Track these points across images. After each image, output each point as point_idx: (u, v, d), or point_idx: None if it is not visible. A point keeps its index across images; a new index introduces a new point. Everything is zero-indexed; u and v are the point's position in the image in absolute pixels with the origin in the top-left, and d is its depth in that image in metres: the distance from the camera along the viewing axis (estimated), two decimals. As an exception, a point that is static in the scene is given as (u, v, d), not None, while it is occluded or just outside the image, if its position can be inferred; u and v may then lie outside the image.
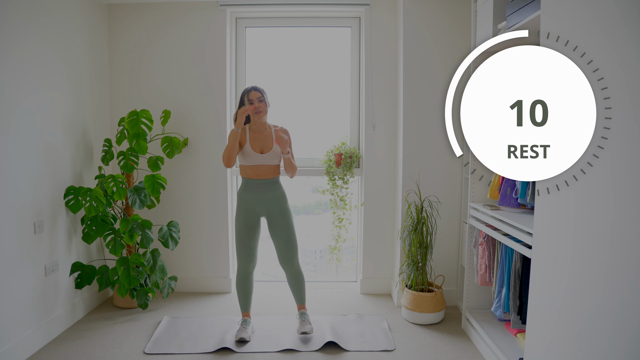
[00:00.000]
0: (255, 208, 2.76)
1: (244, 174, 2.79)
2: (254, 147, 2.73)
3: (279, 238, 2.78)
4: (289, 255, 2.80)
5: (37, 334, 2.60)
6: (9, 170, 2.41)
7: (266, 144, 2.74)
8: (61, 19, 2.87)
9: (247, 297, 2.87)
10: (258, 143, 2.74)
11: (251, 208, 2.76)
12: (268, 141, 2.75)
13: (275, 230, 2.78)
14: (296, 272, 2.86)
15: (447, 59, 3.20)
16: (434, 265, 3.27)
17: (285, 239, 2.78)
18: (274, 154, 2.74)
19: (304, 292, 2.92)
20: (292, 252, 2.80)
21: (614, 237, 1.37)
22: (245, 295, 2.86)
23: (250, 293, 2.88)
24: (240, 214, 2.78)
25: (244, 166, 2.76)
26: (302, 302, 2.93)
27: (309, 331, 2.77)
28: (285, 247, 2.78)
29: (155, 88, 3.49)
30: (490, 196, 2.74)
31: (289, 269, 2.83)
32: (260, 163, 2.72)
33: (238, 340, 2.71)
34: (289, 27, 3.68)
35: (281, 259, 2.82)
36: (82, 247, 3.13)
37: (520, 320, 2.42)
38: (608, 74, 1.39)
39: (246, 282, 2.84)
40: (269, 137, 2.76)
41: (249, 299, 2.88)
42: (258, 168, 2.74)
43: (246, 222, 2.76)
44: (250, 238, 2.78)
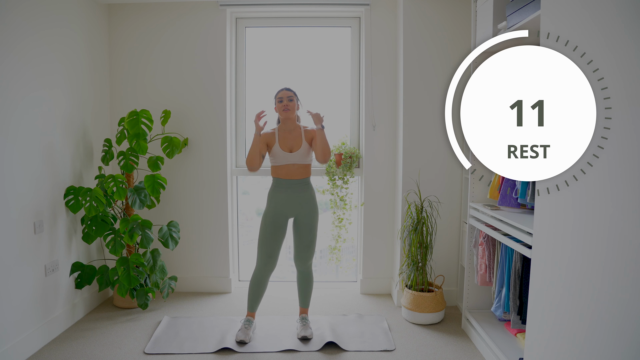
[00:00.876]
0: (285, 209, 2.77)
1: (274, 174, 2.80)
2: (283, 146, 2.75)
3: (302, 239, 2.81)
4: (306, 256, 2.84)
5: (37, 334, 2.60)
6: (8, 170, 2.41)
7: (295, 143, 2.77)
8: (61, 18, 2.87)
9: (257, 298, 2.86)
10: (287, 142, 2.76)
11: (280, 208, 2.77)
12: (297, 140, 2.77)
13: (300, 231, 2.80)
14: (307, 273, 2.89)
15: (447, 59, 3.20)
16: (434, 265, 3.27)
17: (307, 241, 2.81)
18: (303, 153, 2.76)
19: (309, 295, 2.93)
20: (310, 254, 2.85)
21: (613, 237, 1.37)
22: (256, 296, 2.85)
23: (262, 295, 2.87)
24: (268, 213, 2.79)
25: (275, 166, 2.78)
26: (305, 305, 2.93)
27: (309, 336, 2.76)
28: (305, 249, 2.82)
29: (155, 88, 3.49)
30: (490, 196, 2.74)
31: (302, 267, 2.86)
32: (290, 162, 2.74)
33: (238, 341, 2.71)
34: (289, 27, 3.68)
35: (297, 256, 2.85)
36: (82, 247, 3.13)
37: (520, 320, 2.42)
38: (608, 74, 1.39)
39: (261, 283, 2.83)
40: (298, 136, 2.78)
41: (258, 300, 2.87)
42: (288, 168, 2.75)
43: (273, 222, 2.77)
44: (274, 239, 2.77)
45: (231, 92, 3.60)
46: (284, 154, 2.74)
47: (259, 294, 2.85)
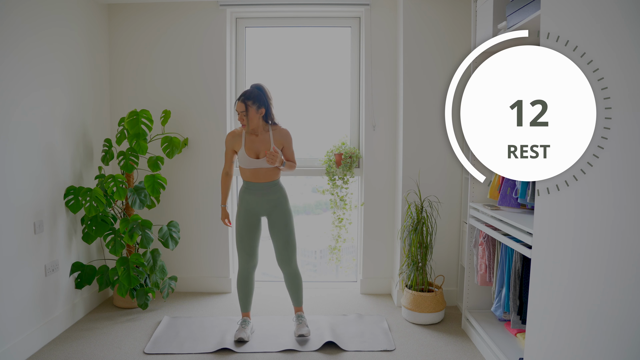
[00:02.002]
0: (256, 208, 2.76)
1: (243, 177, 2.79)
2: (249, 152, 2.71)
3: (278, 238, 2.78)
4: (287, 255, 2.80)
5: (37, 334, 2.60)
6: (8, 170, 2.41)
7: (262, 148, 2.71)
8: (61, 18, 2.87)
9: (248, 297, 2.87)
10: (253, 147, 2.71)
11: (251, 208, 2.76)
12: (265, 145, 2.71)
13: (274, 230, 2.78)
14: (293, 273, 2.85)
15: (447, 59, 3.20)
16: (434, 265, 3.27)
17: (283, 239, 2.77)
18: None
19: (301, 294, 2.91)
20: (290, 253, 2.80)
21: (614, 237, 1.37)
22: (245, 295, 2.86)
23: (251, 293, 2.88)
24: (240, 214, 2.78)
25: (243, 169, 2.75)
26: (299, 304, 2.92)
27: (306, 334, 2.76)
28: (283, 247, 2.78)
29: (155, 88, 3.49)
30: (490, 196, 2.74)
31: (286, 269, 2.83)
32: (258, 167, 2.71)
33: (237, 340, 2.71)
34: (289, 27, 3.68)
35: (279, 258, 2.82)
36: (82, 247, 3.13)
37: (520, 320, 2.42)
38: (608, 74, 1.39)
39: (247, 281, 2.83)
40: (266, 141, 2.72)
41: (249, 299, 2.87)
42: (256, 172, 2.72)
43: (246, 222, 2.77)
44: (250, 238, 2.78)
45: (231, 92, 3.59)
46: (250, 160, 2.69)
47: (248, 293, 2.86)
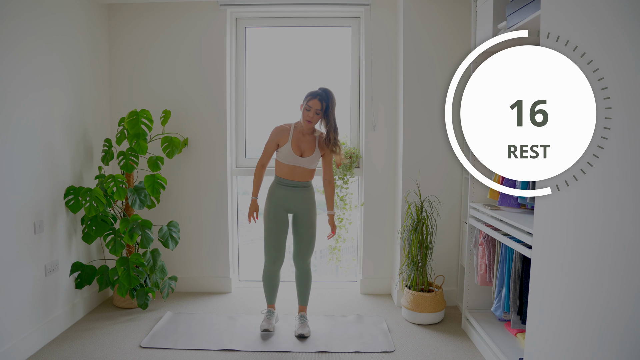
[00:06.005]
0: (285, 204, 2.80)
1: (278, 172, 2.80)
2: (295, 148, 2.74)
3: (301, 237, 2.83)
4: (305, 253, 2.87)
5: (37, 334, 2.60)
6: (8, 170, 2.41)
7: (307, 148, 2.76)
8: (61, 17, 2.87)
9: (273, 291, 2.93)
10: (300, 145, 2.75)
11: (282, 204, 2.79)
12: (310, 146, 2.77)
13: (299, 229, 2.83)
14: (306, 270, 2.90)
15: (447, 59, 3.20)
16: (434, 265, 3.27)
17: (306, 239, 2.84)
18: (312, 160, 2.76)
19: (308, 293, 2.94)
20: (309, 252, 2.88)
21: (614, 237, 1.37)
22: (271, 290, 2.92)
23: (277, 288, 2.94)
24: (270, 209, 2.80)
25: (281, 164, 2.77)
26: (304, 303, 2.94)
27: (307, 334, 2.78)
28: (305, 246, 2.85)
29: (155, 88, 3.49)
30: (490, 196, 2.74)
31: (300, 265, 2.88)
32: (298, 165, 2.74)
33: (262, 330, 2.79)
34: (289, 27, 3.68)
35: (296, 254, 2.87)
36: (82, 247, 3.13)
37: (520, 320, 2.42)
38: (608, 74, 1.39)
39: (273, 279, 2.90)
40: (312, 142, 2.78)
41: (274, 293, 2.94)
42: (294, 169, 2.75)
43: (277, 217, 2.80)
44: (279, 233, 2.81)
45: (231, 92, 3.59)
46: (294, 156, 2.72)
47: (273, 288, 2.92)
